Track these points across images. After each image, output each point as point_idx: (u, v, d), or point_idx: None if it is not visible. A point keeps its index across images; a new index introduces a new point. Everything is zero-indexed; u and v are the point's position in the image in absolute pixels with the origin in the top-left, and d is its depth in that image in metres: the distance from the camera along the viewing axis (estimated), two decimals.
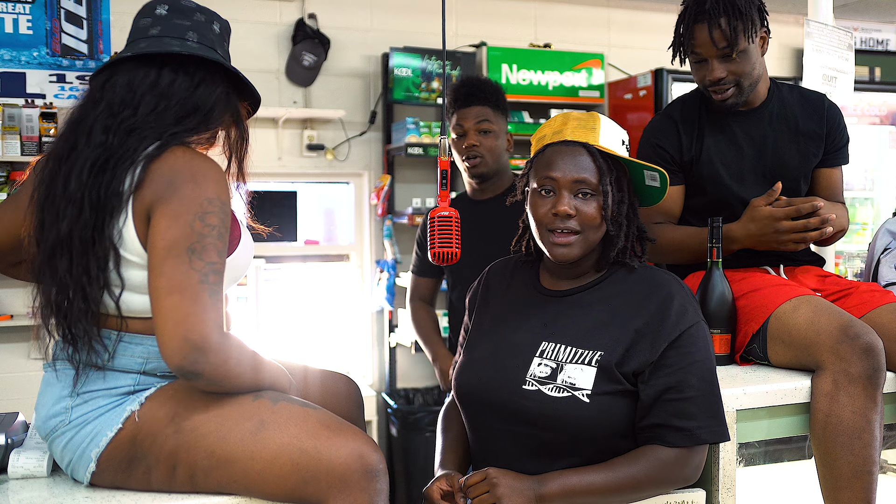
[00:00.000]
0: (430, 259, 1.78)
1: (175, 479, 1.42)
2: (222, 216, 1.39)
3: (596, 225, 1.57)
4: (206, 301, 1.34)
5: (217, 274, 1.37)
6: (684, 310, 1.55)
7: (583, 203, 1.56)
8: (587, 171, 1.56)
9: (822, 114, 2.17)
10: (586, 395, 1.50)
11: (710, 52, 2.02)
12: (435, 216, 1.75)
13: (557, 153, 1.58)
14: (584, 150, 1.57)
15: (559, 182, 1.56)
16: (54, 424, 1.45)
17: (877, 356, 1.69)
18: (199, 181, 1.39)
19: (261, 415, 1.42)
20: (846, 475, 1.69)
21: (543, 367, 1.55)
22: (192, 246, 1.35)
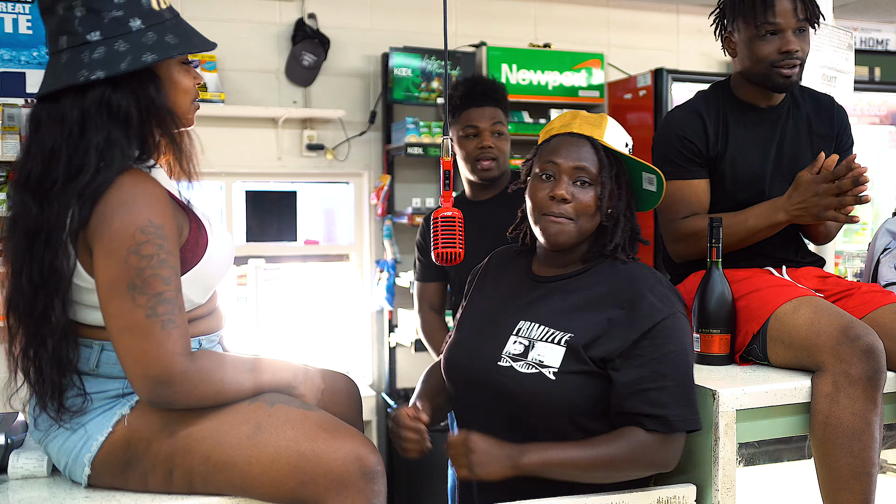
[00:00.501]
0: (434, 259, 1.78)
1: (173, 482, 1.42)
2: (160, 242, 1.33)
3: (590, 213, 1.64)
4: (158, 335, 1.32)
5: (166, 303, 1.32)
6: (660, 302, 1.60)
7: (580, 191, 1.63)
8: (588, 160, 1.64)
9: (832, 115, 2.19)
10: (553, 373, 1.57)
11: (789, 23, 2.00)
12: (438, 216, 1.75)
13: (562, 142, 1.67)
14: (588, 142, 1.65)
15: (560, 167, 1.64)
16: (46, 427, 1.45)
17: (877, 358, 1.69)
18: (129, 209, 1.32)
19: (257, 418, 1.42)
20: (845, 476, 1.69)
21: (518, 345, 1.64)
22: (131, 282, 1.31)
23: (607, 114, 4.51)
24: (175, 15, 1.46)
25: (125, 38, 1.36)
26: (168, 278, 1.34)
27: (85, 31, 1.36)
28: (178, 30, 1.43)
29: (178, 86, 1.48)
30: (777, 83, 2.06)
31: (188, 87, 1.49)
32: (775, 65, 2.03)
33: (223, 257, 1.53)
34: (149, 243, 1.32)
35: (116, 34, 1.36)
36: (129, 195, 1.34)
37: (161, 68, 1.45)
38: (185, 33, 1.44)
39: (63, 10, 1.36)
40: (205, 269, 1.47)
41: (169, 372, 1.32)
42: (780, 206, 1.99)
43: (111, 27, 1.36)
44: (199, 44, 1.45)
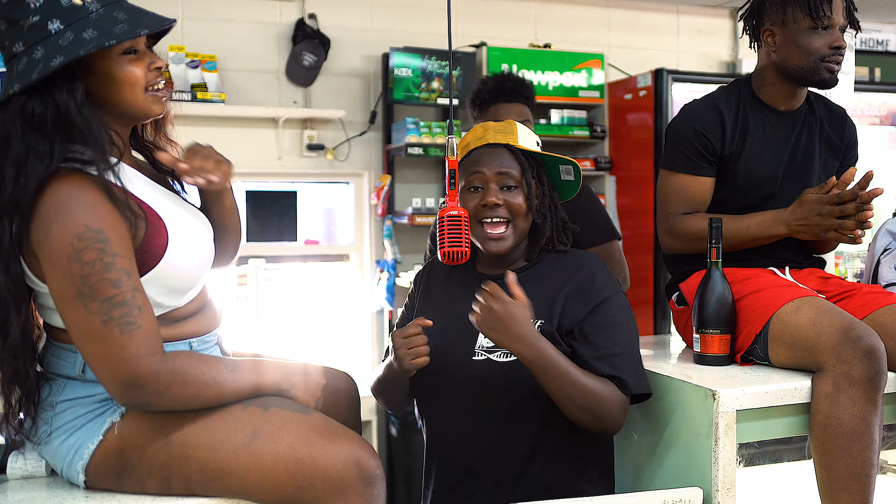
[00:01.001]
0: (441, 259, 1.78)
1: (171, 488, 1.41)
2: (100, 246, 1.29)
3: (523, 213, 1.74)
4: (118, 339, 1.29)
5: (120, 306, 1.29)
6: (607, 280, 1.75)
7: (508, 194, 1.74)
8: (510, 165, 1.75)
9: (844, 128, 2.20)
10: None
11: (840, 21, 2.03)
12: (444, 216, 1.75)
13: (482, 154, 1.77)
14: (506, 149, 1.77)
15: (486, 176, 1.74)
16: (40, 432, 1.44)
17: (878, 359, 1.69)
18: (64, 217, 1.29)
19: (252, 424, 1.40)
20: (844, 477, 1.69)
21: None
22: (79, 290, 1.29)
23: (608, 114, 4.53)
24: (106, 3, 1.35)
25: (43, 43, 1.31)
26: (117, 280, 1.30)
27: (10, 44, 1.34)
28: (103, 21, 1.33)
29: (118, 79, 1.39)
30: (823, 77, 2.06)
31: (132, 77, 1.39)
32: (825, 59, 2.04)
33: (190, 258, 1.47)
34: (88, 249, 1.28)
35: (35, 41, 1.32)
36: (62, 201, 1.30)
37: (97, 64, 1.37)
38: (111, 22, 1.33)
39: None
40: (166, 271, 1.42)
41: (136, 374, 1.30)
42: (783, 219, 2.00)
43: (30, 35, 1.32)
44: (124, 32, 1.33)
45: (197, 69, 3.99)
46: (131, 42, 1.38)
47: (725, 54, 5.19)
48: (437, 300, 1.87)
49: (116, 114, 1.44)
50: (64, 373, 1.44)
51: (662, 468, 1.84)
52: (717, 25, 5.18)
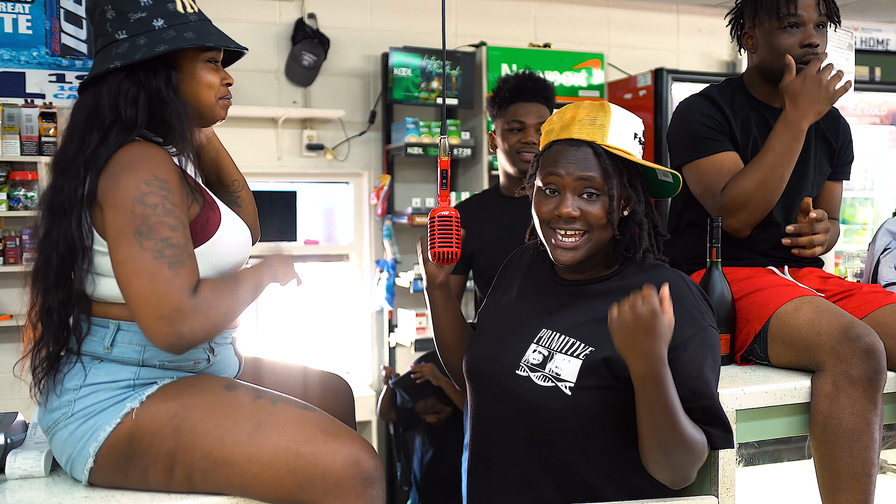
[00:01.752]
0: (431, 259, 1.76)
1: (173, 479, 1.42)
2: (164, 193, 1.40)
3: (602, 225, 1.53)
4: (166, 274, 1.36)
5: (174, 247, 1.38)
6: (689, 315, 1.50)
7: (587, 203, 1.52)
8: (592, 169, 1.52)
9: (838, 128, 2.20)
10: (569, 388, 1.49)
11: (811, 17, 2.02)
12: (435, 216, 1.74)
13: (563, 151, 1.55)
14: (590, 149, 1.53)
15: (563, 181, 1.53)
16: (57, 417, 1.45)
17: (877, 358, 1.69)
18: (135, 167, 1.41)
19: (259, 416, 1.42)
20: (845, 476, 1.69)
21: (537, 354, 1.55)
22: (138, 229, 1.37)
23: None
24: (202, 18, 1.57)
25: (146, 34, 1.49)
26: (174, 226, 1.39)
27: (113, 31, 1.51)
28: (201, 29, 1.54)
29: (199, 80, 1.56)
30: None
31: (210, 82, 1.58)
32: (798, 58, 2.02)
33: (236, 242, 1.57)
34: (153, 194, 1.39)
35: (139, 32, 1.50)
36: (134, 157, 1.43)
37: (183, 63, 1.54)
38: (207, 30, 1.55)
39: (98, 15, 1.52)
40: (216, 248, 1.51)
41: (180, 309, 1.35)
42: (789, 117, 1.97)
43: (135, 27, 1.50)
44: (218, 40, 1.55)
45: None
46: (216, 55, 1.58)
47: (725, 54, 5.19)
48: (508, 300, 1.72)
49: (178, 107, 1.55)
50: (92, 350, 1.47)
51: None
52: (717, 25, 5.17)
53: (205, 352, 1.54)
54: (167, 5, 1.52)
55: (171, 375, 1.49)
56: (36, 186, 3.84)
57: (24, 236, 3.82)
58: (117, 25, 1.50)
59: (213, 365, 1.56)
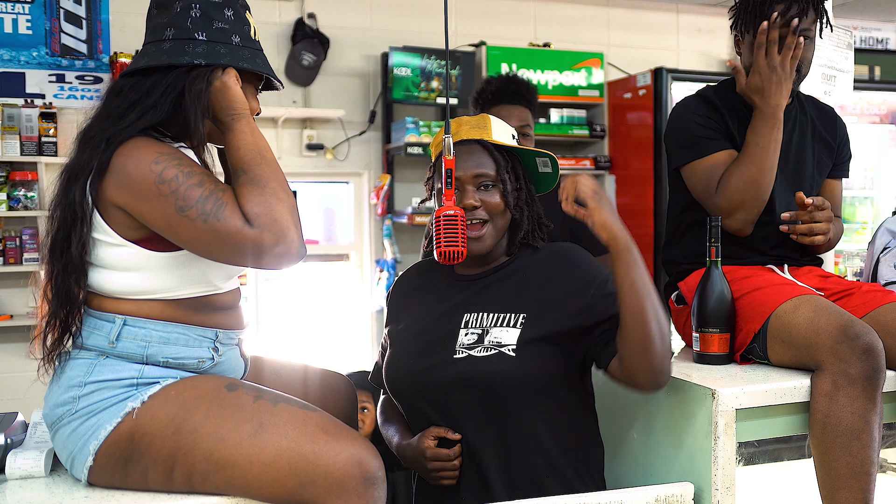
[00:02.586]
0: (437, 258, 1.78)
1: (172, 480, 1.42)
2: (175, 162, 1.43)
3: (501, 211, 1.71)
4: (224, 226, 1.39)
5: (210, 198, 1.41)
6: (595, 265, 1.71)
7: (485, 194, 1.70)
8: (485, 165, 1.71)
9: (834, 126, 2.20)
10: (512, 350, 1.62)
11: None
12: (440, 215, 1.75)
13: (457, 153, 1.72)
14: (480, 146, 1.73)
15: (462, 179, 1.71)
16: (61, 413, 1.46)
17: (876, 357, 1.69)
18: (137, 154, 1.44)
19: (260, 417, 1.42)
20: (844, 475, 1.69)
21: (470, 335, 1.67)
22: (177, 206, 1.40)
23: (607, 113, 4.53)
24: (261, 49, 1.63)
25: (226, 45, 1.56)
26: (200, 182, 1.42)
27: (194, 30, 1.55)
28: (265, 59, 1.62)
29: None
30: None
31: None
32: None
33: None
34: (167, 169, 1.42)
35: (220, 41, 1.55)
36: (135, 147, 1.45)
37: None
38: (267, 64, 1.62)
39: (180, 8, 1.55)
40: None
41: (255, 241, 1.39)
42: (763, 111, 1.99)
43: (217, 34, 1.56)
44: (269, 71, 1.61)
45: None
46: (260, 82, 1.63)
47: (725, 53, 5.19)
48: (413, 313, 1.82)
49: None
50: (97, 345, 1.47)
51: (662, 467, 1.84)
52: (717, 24, 5.18)
53: (209, 350, 1.54)
54: (244, 27, 1.58)
55: (174, 374, 1.49)
56: (36, 186, 3.84)
57: (24, 236, 3.82)
58: (199, 26, 1.55)
59: (218, 365, 1.56)
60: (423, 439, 1.68)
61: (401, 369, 1.74)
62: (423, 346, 1.72)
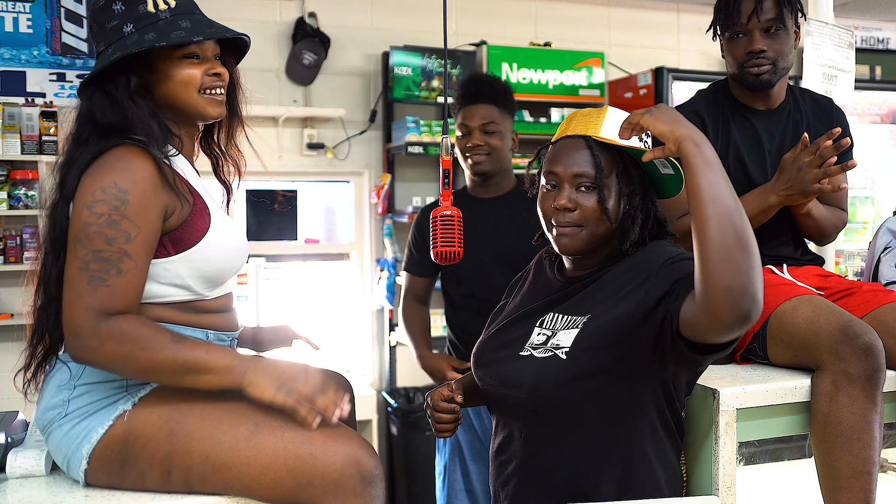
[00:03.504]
0: (433, 258, 1.78)
1: (171, 482, 1.42)
2: (116, 203, 1.38)
3: (597, 218, 1.58)
4: (82, 288, 1.35)
5: (102, 261, 1.36)
6: (672, 252, 1.56)
7: (584, 196, 1.58)
8: (585, 164, 1.58)
9: (831, 118, 2.20)
10: (564, 353, 1.54)
11: (754, 24, 2.05)
12: (437, 215, 1.75)
13: (560, 148, 1.62)
14: (584, 142, 1.59)
15: (560, 176, 1.60)
16: (52, 416, 1.45)
17: (876, 356, 1.69)
18: (101, 172, 1.41)
19: (255, 418, 1.41)
20: (845, 475, 1.69)
21: (541, 335, 1.62)
22: (77, 235, 1.38)
23: None
24: (178, 13, 1.52)
25: (116, 42, 1.49)
26: (112, 239, 1.37)
27: (98, 44, 1.53)
28: (166, 27, 1.49)
29: (173, 78, 1.53)
30: (748, 82, 2.10)
31: (186, 78, 1.53)
32: (744, 65, 2.08)
33: (227, 248, 1.54)
34: (103, 202, 1.38)
35: (112, 41, 1.50)
36: (108, 161, 1.43)
37: (157, 64, 1.52)
38: (172, 28, 1.49)
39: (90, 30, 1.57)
40: (203, 254, 1.48)
41: (79, 325, 1.35)
42: (770, 189, 2.01)
43: (110, 36, 1.50)
44: (178, 37, 1.48)
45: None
46: (196, 48, 1.53)
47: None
48: (516, 302, 1.79)
49: (177, 112, 1.56)
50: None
51: None
52: None
53: None
54: (138, 7, 1.50)
55: None
56: (36, 185, 3.84)
57: (24, 235, 3.82)
58: (99, 38, 1.52)
59: None
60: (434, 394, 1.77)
61: (480, 354, 1.73)
62: (503, 337, 1.70)
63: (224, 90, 1.60)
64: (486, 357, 1.70)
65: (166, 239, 1.46)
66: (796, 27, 2.11)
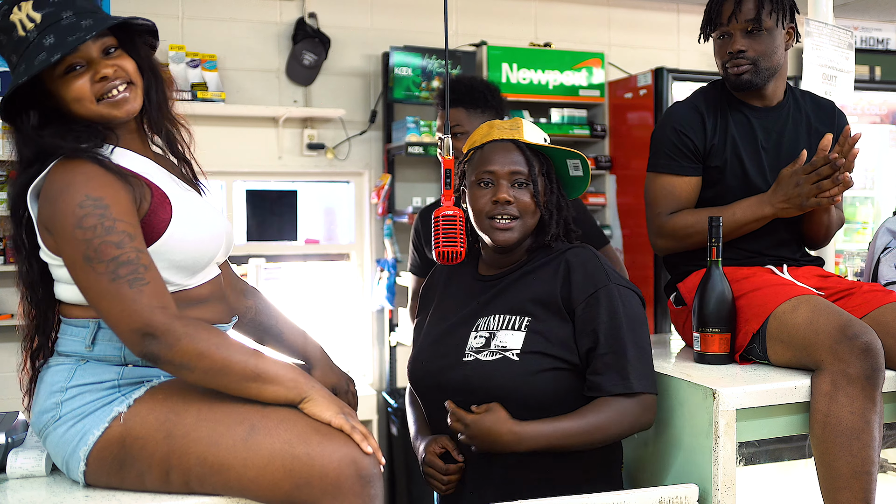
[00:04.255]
0: (435, 259, 1.78)
1: (170, 483, 1.42)
2: (100, 212, 1.38)
3: (531, 210, 1.75)
4: (128, 294, 1.36)
5: (126, 264, 1.37)
6: (593, 274, 1.70)
7: (518, 192, 1.74)
8: (519, 163, 1.75)
9: (832, 120, 2.21)
10: (515, 354, 1.66)
11: (734, 25, 2.07)
12: (439, 215, 1.75)
13: (492, 150, 1.77)
14: (514, 145, 1.77)
15: (497, 174, 1.75)
16: (46, 420, 1.45)
17: (875, 356, 1.69)
18: (67, 191, 1.40)
19: (251, 419, 1.41)
20: (845, 475, 1.69)
21: (479, 339, 1.72)
22: (85, 255, 1.37)
23: (608, 113, 4.53)
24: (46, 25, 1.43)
25: (11, 75, 1.47)
26: (120, 242, 1.38)
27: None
28: (33, 52, 1.42)
29: (66, 97, 1.48)
30: (731, 82, 2.13)
31: (75, 94, 1.47)
32: (726, 65, 2.12)
33: (195, 237, 1.52)
34: (89, 216, 1.38)
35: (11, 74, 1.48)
36: (64, 180, 1.42)
37: (50, 86, 1.48)
38: (37, 51, 1.42)
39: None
40: (169, 245, 1.47)
41: (150, 323, 1.35)
42: (766, 200, 2.03)
43: (9, 70, 1.49)
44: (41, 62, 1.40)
45: (197, 68, 3.99)
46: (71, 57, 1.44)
47: None
48: (438, 312, 1.87)
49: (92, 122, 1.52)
50: (74, 350, 1.48)
51: (663, 467, 1.84)
52: None
53: None
54: (12, 35, 1.44)
55: (157, 374, 1.49)
56: None
57: None
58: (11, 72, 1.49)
59: None
60: (431, 444, 1.75)
61: (419, 368, 1.81)
62: (439, 349, 1.77)
63: (126, 84, 1.50)
64: (426, 368, 1.78)
65: None
66: (789, 28, 2.12)
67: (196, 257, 1.52)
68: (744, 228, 2.06)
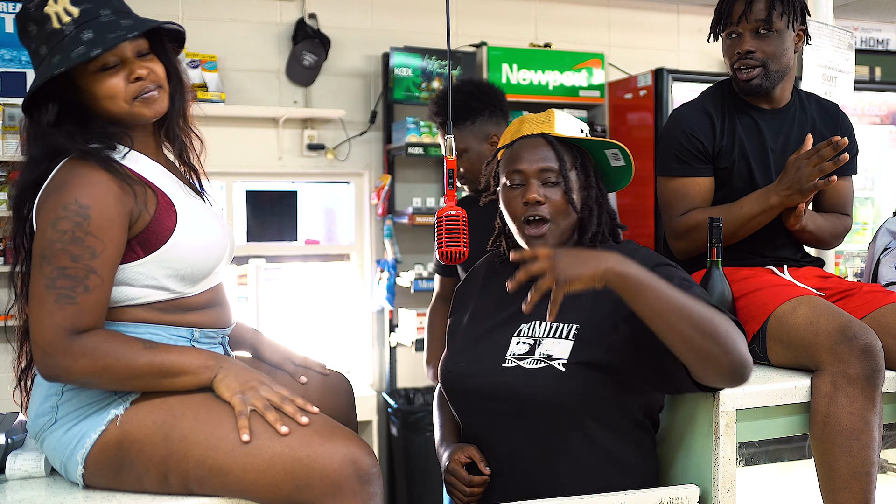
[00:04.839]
0: (438, 258, 1.78)
1: (169, 485, 1.42)
2: (78, 220, 1.38)
3: (564, 210, 1.64)
4: (49, 306, 1.36)
5: (69, 279, 1.36)
6: (651, 258, 1.62)
7: (549, 190, 1.63)
8: (549, 159, 1.64)
9: (837, 123, 2.21)
10: (562, 364, 1.55)
11: (744, 26, 2.06)
12: (442, 216, 1.75)
13: (521, 147, 1.67)
14: (543, 140, 1.66)
15: (526, 173, 1.64)
16: (43, 423, 1.45)
17: (875, 357, 1.69)
18: (60, 190, 1.41)
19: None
20: (844, 476, 1.69)
21: (522, 345, 1.61)
22: (42, 253, 1.38)
23: (608, 114, 4.53)
24: (84, 20, 1.45)
25: (39, 68, 1.47)
26: (77, 256, 1.37)
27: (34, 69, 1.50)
28: (70, 45, 1.43)
29: (98, 94, 1.48)
30: (739, 84, 2.12)
31: (110, 92, 1.48)
32: (734, 66, 2.10)
33: (199, 244, 1.52)
34: (65, 220, 1.38)
35: (36, 65, 1.48)
36: (64, 178, 1.43)
37: (80, 81, 1.48)
38: (75, 44, 1.43)
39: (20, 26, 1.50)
40: (173, 253, 1.47)
41: (51, 344, 1.35)
42: (772, 189, 2.02)
43: (35, 61, 1.49)
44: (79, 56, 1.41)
45: (197, 69, 3.99)
46: (109, 55, 1.44)
47: None
48: (476, 312, 1.77)
49: (113, 122, 1.52)
50: None
51: (663, 468, 1.84)
52: None
53: None
54: (45, 26, 1.44)
55: None
56: None
57: None
58: (33, 63, 1.49)
59: None
60: (457, 452, 1.64)
61: (454, 370, 1.70)
62: (476, 352, 1.67)
63: (156, 87, 1.52)
64: (461, 371, 1.67)
65: (134, 242, 1.46)
66: (799, 30, 2.11)
67: (199, 266, 1.52)
68: (753, 222, 2.04)
